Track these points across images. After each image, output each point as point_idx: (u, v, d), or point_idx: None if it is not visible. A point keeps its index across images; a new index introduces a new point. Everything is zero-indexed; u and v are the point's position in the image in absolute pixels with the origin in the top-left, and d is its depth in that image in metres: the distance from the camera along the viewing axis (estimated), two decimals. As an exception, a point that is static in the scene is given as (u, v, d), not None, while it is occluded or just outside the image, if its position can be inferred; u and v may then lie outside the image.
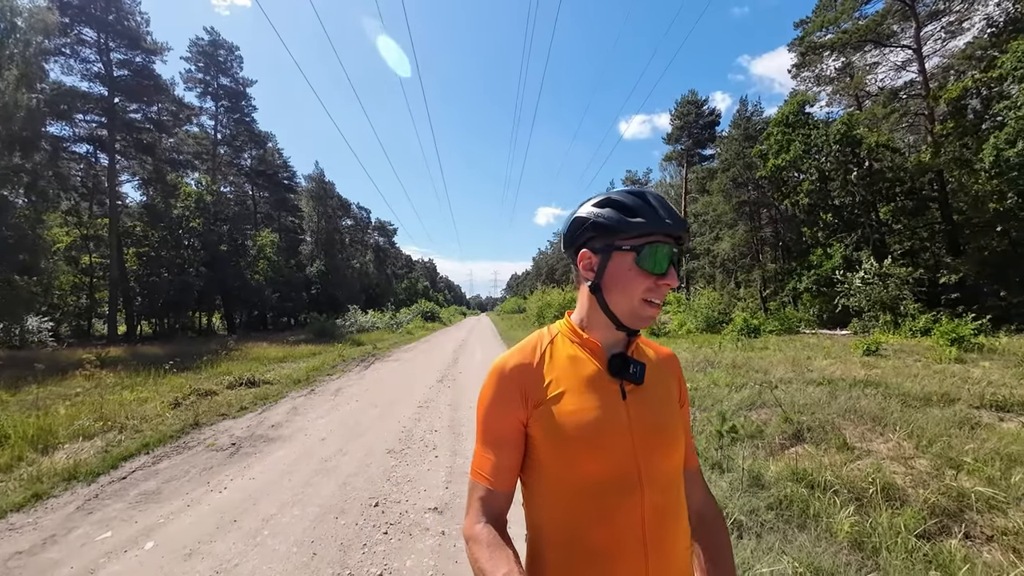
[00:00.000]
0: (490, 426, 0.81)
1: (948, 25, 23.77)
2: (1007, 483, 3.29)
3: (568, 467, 0.77)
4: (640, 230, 0.78)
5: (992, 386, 6.40)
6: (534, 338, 0.89)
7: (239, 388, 8.00)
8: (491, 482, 0.78)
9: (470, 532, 0.76)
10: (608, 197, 0.83)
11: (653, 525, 0.77)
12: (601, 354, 0.84)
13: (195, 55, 30.02)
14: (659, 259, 0.78)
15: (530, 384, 0.81)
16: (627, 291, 0.80)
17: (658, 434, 0.82)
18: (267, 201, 36.98)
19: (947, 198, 19.68)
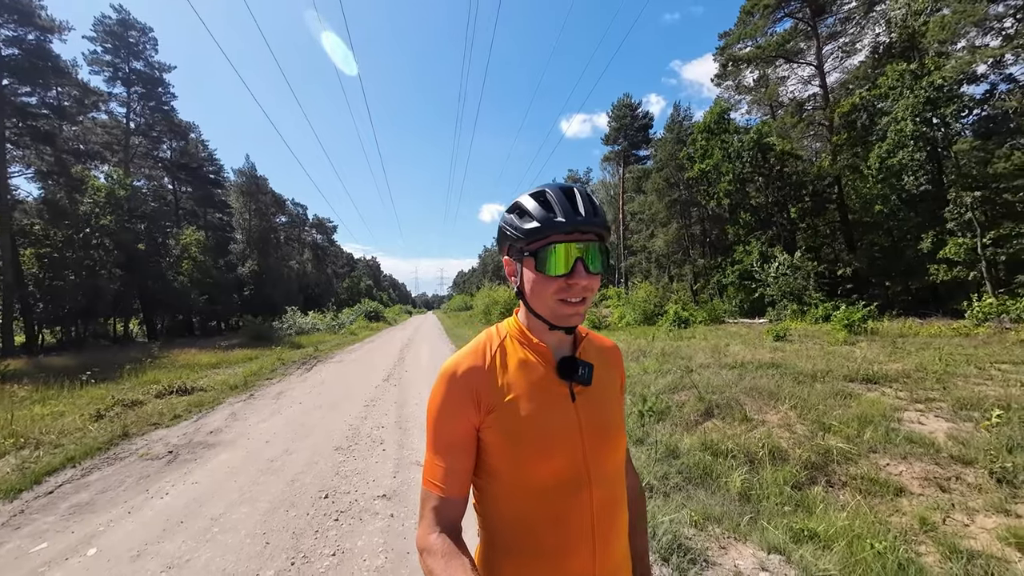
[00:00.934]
0: (442, 432, 0.79)
1: (844, 45, 26.73)
2: (861, 440, 4.06)
3: (521, 470, 0.77)
4: (536, 235, 0.78)
5: (866, 363, 7.56)
6: (483, 339, 0.88)
7: (170, 396, 7.63)
8: (444, 489, 0.77)
9: (424, 543, 0.74)
10: (516, 201, 0.82)
11: (600, 519, 0.79)
12: (549, 357, 0.84)
13: (101, 35, 27.20)
14: (556, 260, 0.77)
15: (482, 389, 0.79)
16: (539, 295, 0.80)
17: (605, 433, 0.83)
18: (190, 197, 34.32)
19: (843, 200, 22.26)
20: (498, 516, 0.80)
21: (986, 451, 3.53)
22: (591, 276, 0.78)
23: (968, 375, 6.55)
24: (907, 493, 3.29)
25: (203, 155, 34.94)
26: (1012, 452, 3.51)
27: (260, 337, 19.77)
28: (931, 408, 5.02)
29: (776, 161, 23.10)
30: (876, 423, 4.34)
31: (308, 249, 55.64)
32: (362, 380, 9.02)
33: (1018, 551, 2.57)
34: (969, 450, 3.64)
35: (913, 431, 4.20)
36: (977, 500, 3.08)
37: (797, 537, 2.76)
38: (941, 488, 3.29)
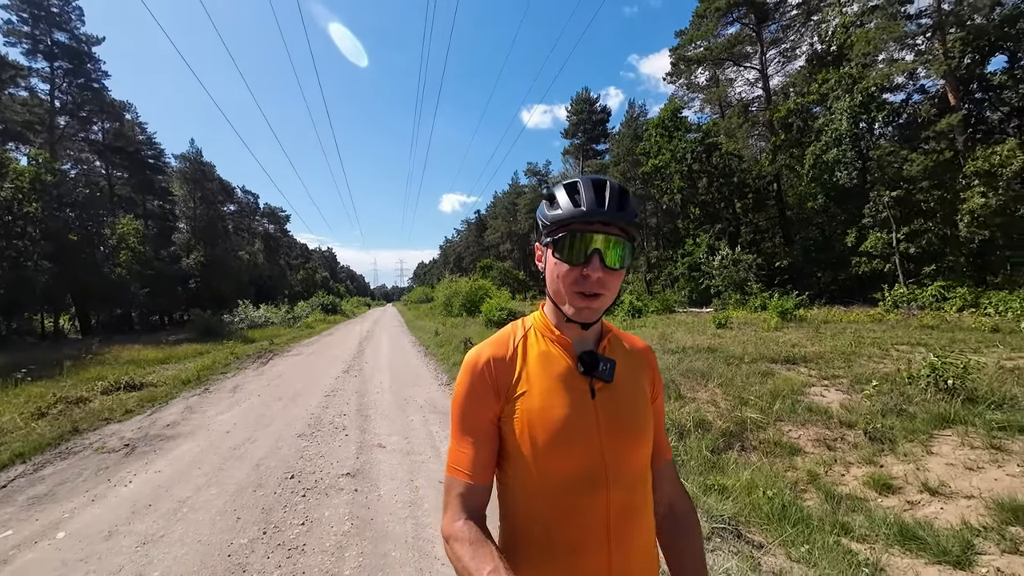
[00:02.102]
0: (465, 419, 0.80)
1: (785, 51, 28.48)
2: (771, 411, 4.70)
3: (537, 463, 0.77)
4: (560, 222, 0.78)
5: (789, 346, 8.45)
6: (508, 331, 0.88)
7: (117, 393, 7.41)
8: (469, 476, 0.77)
9: (450, 530, 0.73)
10: (550, 190, 0.82)
11: (617, 522, 0.77)
12: (571, 351, 0.84)
13: (16, 3, 24.76)
14: (575, 248, 0.77)
15: (502, 378, 0.80)
16: (555, 284, 0.80)
17: (626, 433, 0.81)
18: (127, 183, 32.05)
19: (782, 197, 23.96)
20: (515, 509, 0.81)
21: (864, 416, 4.22)
22: (607, 270, 0.76)
23: (871, 355, 7.51)
24: (802, 452, 3.91)
25: (141, 138, 32.68)
26: (884, 416, 4.22)
27: (209, 332, 18.99)
28: (834, 383, 5.80)
29: (721, 160, 24.47)
30: (785, 396, 5.01)
31: (259, 239, 53.27)
32: (321, 372, 9.07)
33: (875, 492, 3.19)
34: (853, 416, 4.33)
35: (814, 402, 4.90)
36: (853, 455, 3.73)
37: (708, 490, 3.27)
38: (828, 447, 3.93)
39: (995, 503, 2.78)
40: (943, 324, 11.29)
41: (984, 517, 2.71)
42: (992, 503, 2.79)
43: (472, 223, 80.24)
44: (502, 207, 61.83)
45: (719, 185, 24.12)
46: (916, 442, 3.75)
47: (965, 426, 3.92)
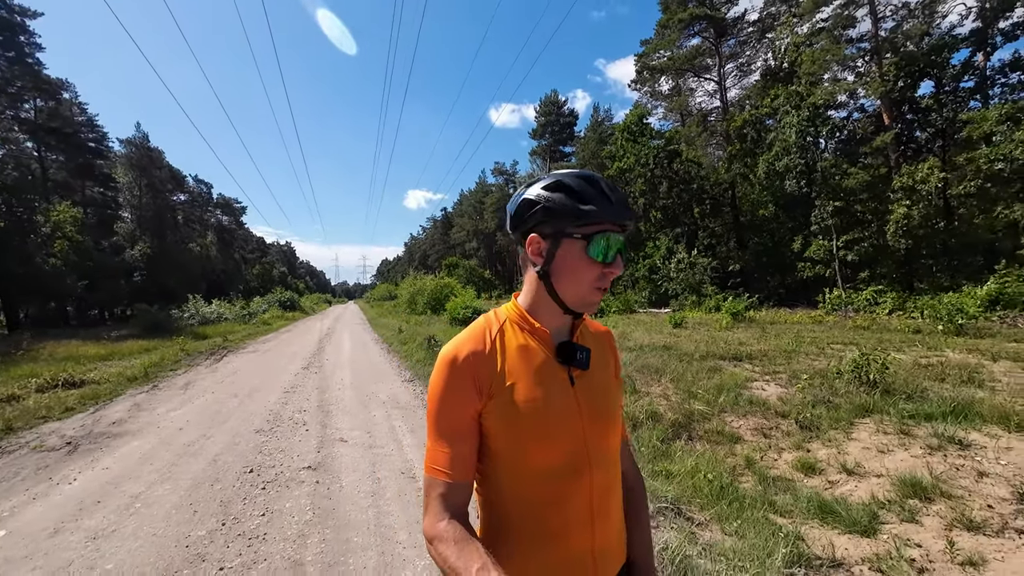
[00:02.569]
0: (444, 418, 0.78)
1: (742, 65, 29.92)
2: (716, 403, 5.05)
3: (524, 455, 0.78)
4: (591, 218, 0.77)
5: (737, 344, 8.99)
6: (482, 324, 0.86)
7: (55, 390, 6.98)
8: (450, 475, 0.76)
9: (433, 531, 0.73)
10: (559, 180, 0.80)
11: (599, 501, 0.81)
12: (550, 342, 0.85)
13: (-63, -36, 22.52)
14: (609, 248, 0.79)
15: (483, 374, 0.79)
16: (577, 279, 0.80)
17: (604, 417, 0.85)
18: (63, 167, 29.74)
19: (736, 204, 25.21)
20: (501, 500, 0.81)
21: (796, 407, 4.63)
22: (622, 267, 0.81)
23: (809, 353, 8.12)
24: (742, 440, 4.24)
25: (80, 119, 30.40)
26: (814, 407, 4.64)
27: (156, 327, 17.99)
28: (774, 378, 6.27)
29: (681, 166, 25.48)
30: (729, 390, 5.38)
31: (212, 232, 50.70)
32: (280, 369, 8.86)
33: (802, 473, 3.53)
34: (787, 407, 4.73)
35: (755, 395, 5.30)
36: (785, 442, 4.09)
37: (656, 475, 3.51)
38: (765, 435, 4.29)
39: (899, 480, 3.15)
40: (874, 325, 12.29)
41: (889, 492, 3.08)
42: (897, 481, 3.16)
43: (438, 221, 79.54)
44: (469, 205, 61.63)
45: (679, 191, 25.09)
46: (839, 429, 4.16)
47: (881, 415, 4.38)
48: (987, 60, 16.43)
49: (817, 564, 2.40)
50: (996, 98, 16.02)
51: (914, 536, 2.63)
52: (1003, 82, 16.11)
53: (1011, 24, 15.49)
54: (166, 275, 31.75)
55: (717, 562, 2.27)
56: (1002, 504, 2.85)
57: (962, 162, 15.18)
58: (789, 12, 23.62)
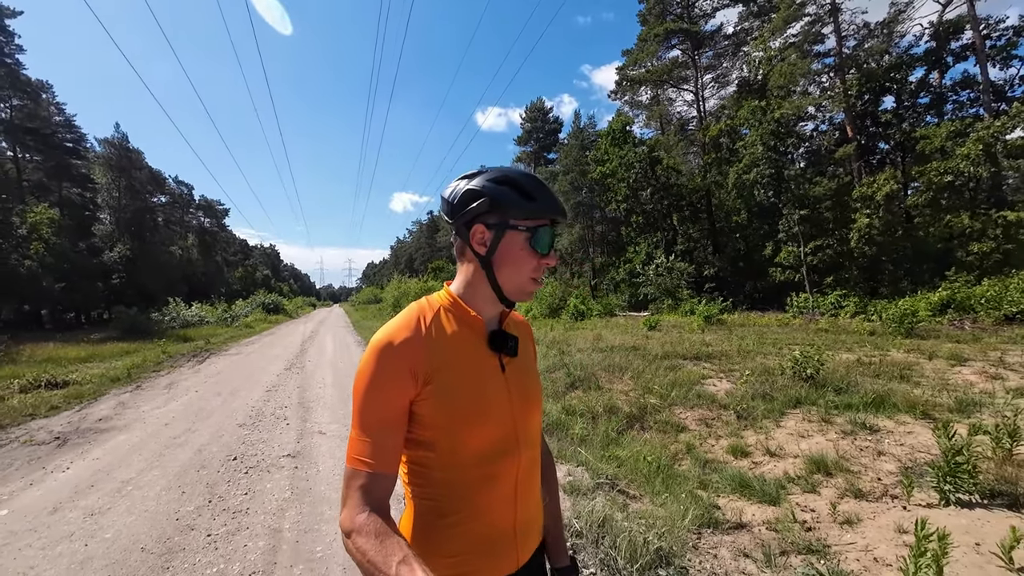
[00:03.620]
0: (374, 406, 0.77)
1: (718, 77, 30.90)
2: (668, 396, 5.50)
3: (458, 440, 0.79)
4: (536, 212, 0.83)
5: (703, 345, 9.51)
6: (415, 311, 0.86)
7: (38, 390, 7.15)
8: (374, 466, 0.74)
9: (351, 524, 0.70)
10: (506, 175, 0.84)
11: (523, 478, 0.87)
12: (482, 329, 0.87)
13: (-89, -40, 22.14)
14: (547, 241, 0.85)
15: (419, 360, 0.78)
16: (518, 268, 0.84)
17: (530, 400, 0.90)
18: (39, 167, 29.25)
19: (712, 211, 26.03)
20: (431, 484, 0.82)
21: (736, 399, 5.11)
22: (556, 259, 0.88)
23: (767, 353, 8.66)
24: (687, 430, 4.69)
25: (57, 119, 29.98)
26: (753, 399, 5.13)
27: (136, 330, 17.93)
28: (729, 375, 6.76)
29: (663, 173, 26.24)
30: (682, 386, 5.85)
31: (193, 234, 50.06)
32: (262, 370, 9.09)
33: (732, 456, 3.98)
34: (731, 400, 5.20)
35: (706, 390, 5.77)
36: (724, 430, 4.55)
37: (606, 460, 3.93)
38: (707, 425, 4.75)
39: (810, 460, 3.62)
40: (834, 328, 12.98)
41: (800, 469, 3.54)
42: (808, 460, 3.63)
43: (424, 224, 79.52)
44: (455, 209, 61.77)
45: (660, 197, 25.81)
46: (771, 419, 4.64)
47: (810, 406, 4.88)
48: (941, 78, 17.47)
49: (725, 527, 2.84)
50: (949, 114, 17.06)
51: (811, 503, 3.08)
52: (954, 99, 17.18)
53: (960, 45, 16.55)
54: (145, 278, 31.36)
55: (634, 522, 2.68)
56: (888, 477, 3.33)
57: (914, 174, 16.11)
58: (762, 27, 24.62)
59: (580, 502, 2.98)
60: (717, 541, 2.65)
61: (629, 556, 2.34)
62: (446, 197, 0.87)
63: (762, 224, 21.99)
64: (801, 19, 20.50)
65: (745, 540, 2.67)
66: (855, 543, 2.57)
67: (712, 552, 2.53)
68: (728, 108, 27.11)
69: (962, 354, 7.45)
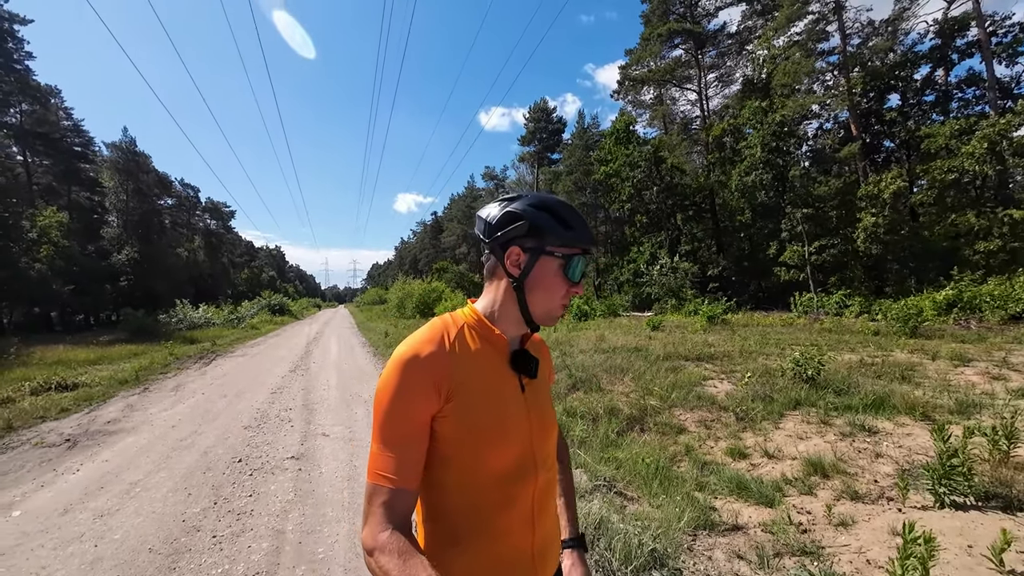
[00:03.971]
0: (396, 421, 0.76)
1: (722, 76, 30.79)
2: (669, 398, 5.53)
3: (478, 459, 0.79)
4: (572, 241, 0.85)
5: (705, 346, 9.52)
6: (439, 326, 0.86)
7: (48, 393, 7.27)
8: (397, 481, 0.73)
9: (374, 542, 0.70)
10: (544, 202, 0.86)
11: (540, 499, 0.86)
12: (505, 349, 0.88)
13: (-78, -31, 22.51)
14: (580, 270, 0.86)
15: (443, 376, 0.78)
16: (550, 294, 0.85)
17: (547, 422, 0.90)
18: (49, 171, 29.65)
19: (716, 210, 25.96)
20: (447, 505, 0.81)
21: (736, 401, 5.13)
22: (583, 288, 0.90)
23: (770, 353, 8.66)
24: (686, 431, 4.72)
25: (66, 124, 30.38)
26: (753, 401, 5.15)
27: (143, 332, 18.12)
28: (730, 376, 6.78)
29: (667, 172, 26.21)
30: (683, 387, 5.88)
31: (200, 236, 50.50)
32: (267, 372, 9.19)
33: (731, 458, 4.00)
34: (731, 401, 5.22)
35: (706, 392, 5.79)
36: (723, 432, 4.57)
37: (605, 461, 3.97)
38: (706, 427, 4.77)
39: (808, 462, 3.64)
40: (838, 328, 12.93)
41: (797, 471, 3.57)
42: (806, 462, 3.65)
43: (428, 225, 79.77)
44: (458, 210, 62.04)
45: (664, 196, 25.79)
46: (770, 420, 4.66)
47: (809, 407, 4.90)
48: (947, 76, 17.33)
49: (721, 528, 2.87)
50: (954, 112, 16.93)
51: (807, 505, 3.11)
52: (959, 97, 17.04)
53: (966, 43, 16.41)
54: (153, 280, 31.71)
55: (630, 523, 2.72)
56: (885, 479, 3.35)
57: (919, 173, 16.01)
58: (766, 25, 24.53)
59: (578, 505, 3.02)
60: (712, 543, 2.69)
61: (624, 558, 2.38)
62: (484, 217, 0.88)
63: (766, 224, 21.91)
64: (805, 17, 20.41)
65: (740, 542, 2.70)
66: (849, 545, 2.60)
67: (707, 554, 2.57)
68: (732, 107, 27.03)
69: (966, 354, 7.42)
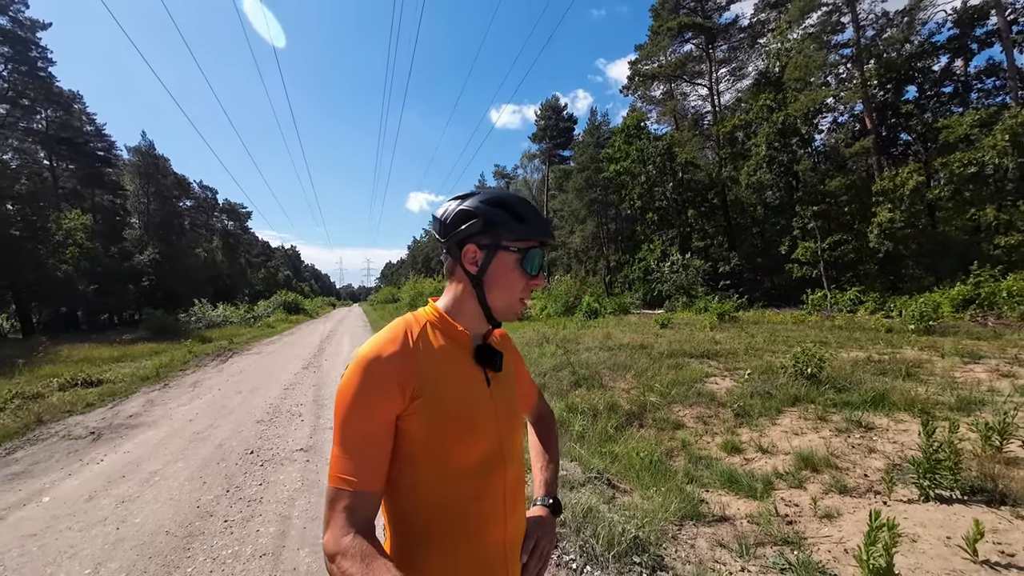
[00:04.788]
0: (358, 422, 0.74)
1: (734, 70, 30.37)
2: (669, 394, 5.60)
3: (447, 456, 0.78)
4: (527, 235, 0.85)
5: (711, 343, 9.52)
6: (401, 325, 0.85)
7: (74, 389, 7.63)
8: (359, 484, 0.72)
9: (336, 546, 0.67)
10: (499, 197, 0.86)
11: (511, 491, 0.87)
12: (469, 344, 0.88)
13: (-47, -17, 23.44)
14: (537, 263, 0.87)
15: (407, 375, 0.77)
16: (509, 289, 0.86)
17: (514, 414, 0.91)
18: (73, 175, 30.66)
19: (727, 206, 25.69)
20: (416, 504, 0.79)
21: (736, 397, 5.18)
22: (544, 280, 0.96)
23: (777, 350, 8.62)
24: (684, 427, 4.79)
25: (89, 129, 31.33)
26: (752, 397, 5.19)
27: (164, 331, 18.71)
28: (733, 373, 6.80)
29: (679, 168, 26.01)
30: (684, 384, 5.93)
31: (218, 236, 51.67)
32: (281, 369, 9.47)
33: (725, 453, 4.07)
34: (730, 398, 5.27)
35: (707, 388, 5.85)
36: (720, 427, 4.64)
37: (601, 455, 4.08)
38: (704, 422, 4.84)
39: (800, 457, 3.70)
40: (850, 325, 12.77)
41: (790, 466, 3.63)
42: (798, 457, 3.71)
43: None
44: (470, 208, 62.19)
45: (675, 193, 25.61)
46: (767, 416, 4.71)
47: (808, 404, 4.93)
48: (966, 66, 16.89)
49: (708, 519, 2.96)
50: (974, 103, 16.49)
51: (795, 498, 3.18)
52: (979, 87, 16.60)
53: (985, 32, 15.97)
54: (173, 280, 32.59)
55: (618, 513, 2.83)
56: (875, 473, 3.39)
57: (937, 166, 15.66)
58: (779, 18, 24.14)
59: (568, 495, 3.14)
60: (696, 532, 2.78)
61: (607, 543, 2.50)
62: (439, 217, 0.89)
63: (778, 220, 21.63)
64: (818, 9, 20.06)
65: (725, 532, 2.79)
66: (831, 536, 2.67)
67: (690, 542, 2.67)
68: (745, 101, 26.66)
69: (978, 351, 7.33)
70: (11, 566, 2.52)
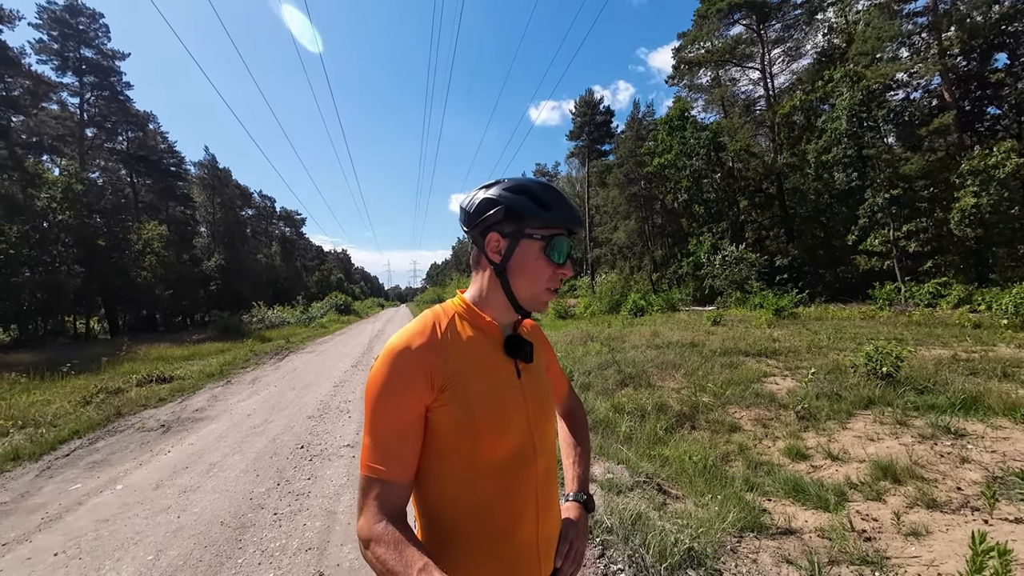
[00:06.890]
0: (389, 413, 0.75)
1: (789, 50, 28.50)
2: (723, 395, 5.26)
3: (477, 448, 0.77)
4: (551, 221, 0.82)
5: (768, 341, 8.91)
6: (429, 317, 0.85)
7: (150, 385, 8.26)
8: (390, 473, 0.73)
9: (369, 533, 0.69)
10: (521, 184, 0.84)
11: (543, 487, 0.84)
12: (498, 335, 0.86)
13: (47, 22, 26.23)
14: (563, 250, 0.85)
15: (435, 366, 0.77)
16: (534, 278, 0.84)
17: (545, 406, 0.88)
18: (150, 190, 33.57)
19: (784, 195, 24.13)
20: (445, 498, 0.78)
21: (799, 398, 4.76)
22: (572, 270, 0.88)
23: (844, 348, 7.95)
24: (741, 430, 4.47)
25: (162, 147, 34.15)
26: (818, 398, 4.76)
27: (229, 331, 20.05)
28: (794, 373, 6.31)
29: (728, 158, 24.74)
30: (740, 383, 5.56)
31: (276, 242, 54.91)
32: (332, 367, 9.83)
33: (789, 459, 3.75)
34: (792, 399, 4.87)
35: (764, 388, 5.44)
36: (782, 431, 4.28)
37: (650, 459, 3.87)
38: (764, 425, 4.49)
39: (877, 465, 3.32)
40: (930, 320, 11.59)
41: (865, 475, 3.27)
42: (875, 465, 3.34)
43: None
44: (511, 208, 62.40)
45: (724, 184, 24.41)
46: (836, 420, 4.29)
47: (884, 407, 4.45)
48: (1069, 25, 14.83)
49: (771, 531, 2.71)
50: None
51: (874, 512, 2.85)
52: (1087, 49, 14.50)
53: (1094, -16, 13.93)
54: (238, 283, 34.92)
55: (670, 521, 2.64)
56: (971, 487, 2.98)
57: (1035, 141, 13.84)
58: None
59: (615, 499, 2.98)
60: (759, 546, 2.54)
61: (658, 554, 2.32)
62: (464, 206, 0.88)
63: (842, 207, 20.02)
64: (887, -25, 18.33)
65: (791, 546, 2.53)
66: (919, 556, 2.35)
67: (751, 556, 2.44)
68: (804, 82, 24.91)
69: (1091, 349, 6.38)
70: (86, 548, 2.71)
